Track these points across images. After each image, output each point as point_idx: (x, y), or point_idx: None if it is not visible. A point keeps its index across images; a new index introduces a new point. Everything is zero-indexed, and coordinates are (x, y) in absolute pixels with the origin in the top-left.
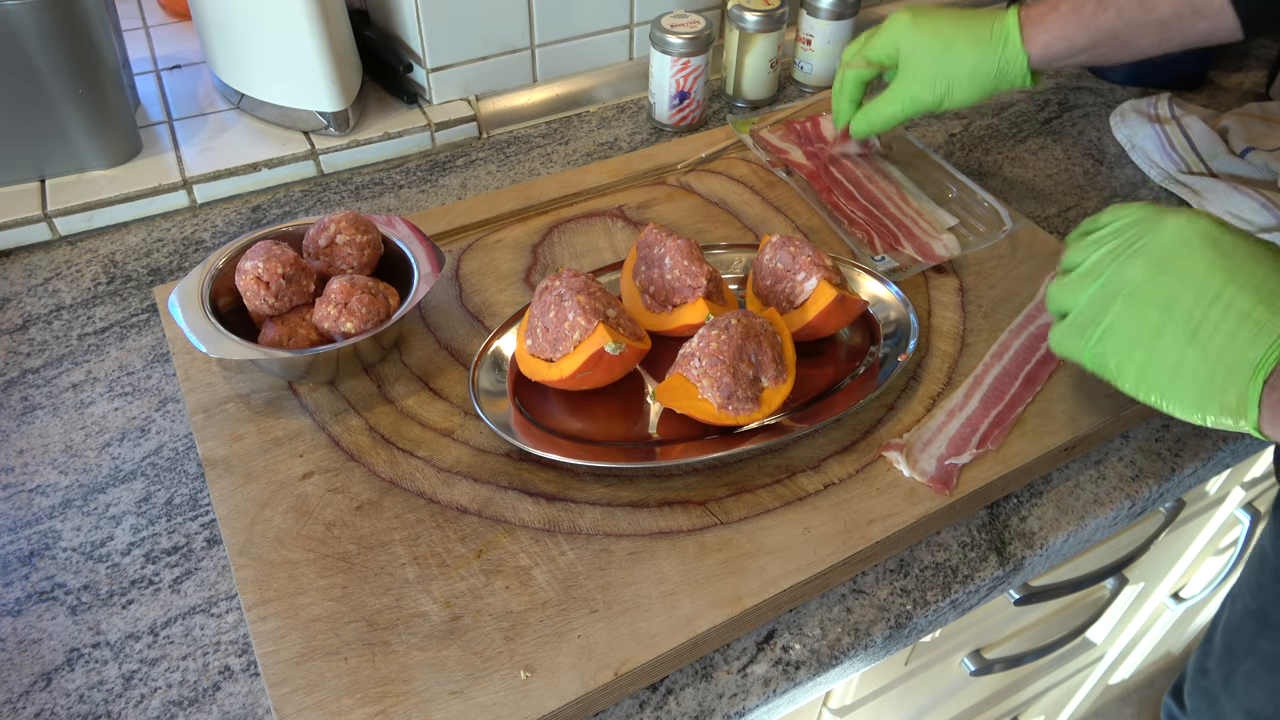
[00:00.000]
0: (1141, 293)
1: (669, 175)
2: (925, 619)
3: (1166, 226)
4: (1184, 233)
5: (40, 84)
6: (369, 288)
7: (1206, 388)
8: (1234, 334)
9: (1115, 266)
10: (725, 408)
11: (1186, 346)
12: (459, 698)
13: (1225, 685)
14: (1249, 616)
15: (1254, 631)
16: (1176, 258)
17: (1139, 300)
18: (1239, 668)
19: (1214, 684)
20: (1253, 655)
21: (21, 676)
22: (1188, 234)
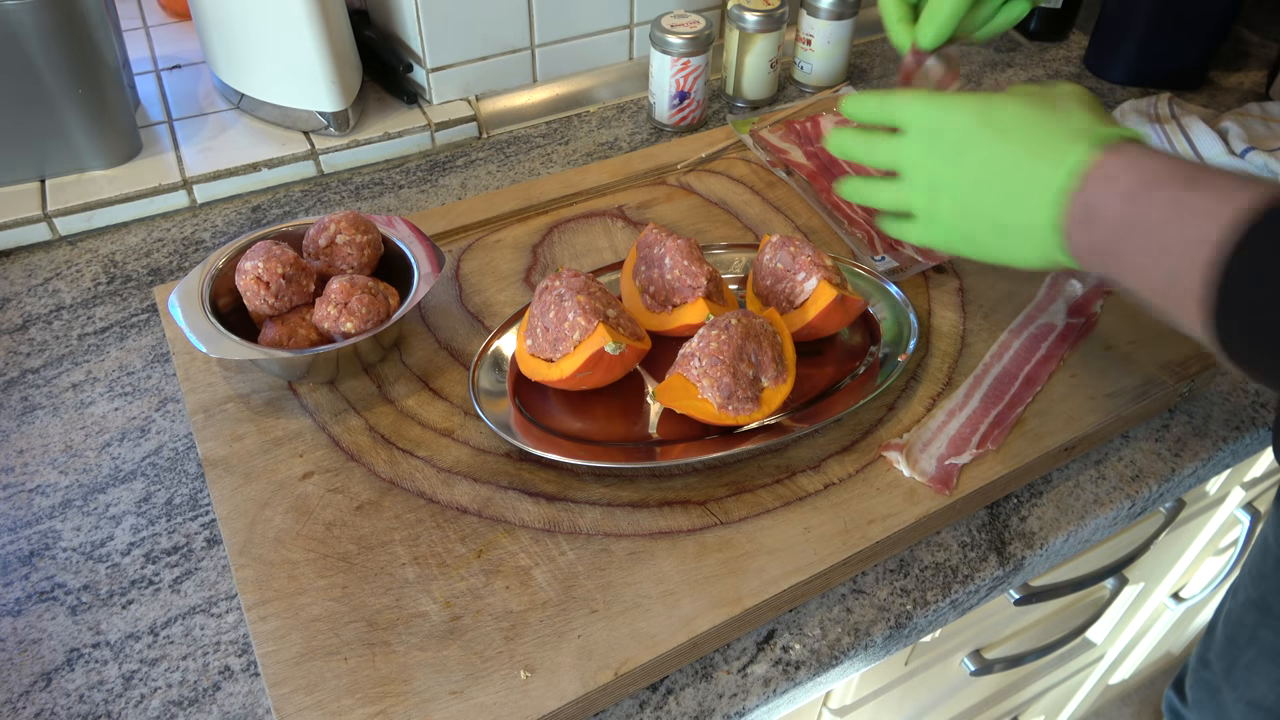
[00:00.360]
0: (954, 182)
1: (669, 175)
2: (925, 619)
3: (954, 119)
4: (966, 119)
5: (40, 84)
6: (369, 288)
7: (1018, 232)
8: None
9: (929, 166)
10: (725, 408)
11: (995, 207)
12: (459, 698)
13: (1226, 676)
14: (1250, 606)
15: (1255, 621)
16: (967, 141)
17: (954, 187)
18: (1240, 658)
19: (1215, 675)
20: (1254, 645)
21: (21, 676)
22: (968, 118)
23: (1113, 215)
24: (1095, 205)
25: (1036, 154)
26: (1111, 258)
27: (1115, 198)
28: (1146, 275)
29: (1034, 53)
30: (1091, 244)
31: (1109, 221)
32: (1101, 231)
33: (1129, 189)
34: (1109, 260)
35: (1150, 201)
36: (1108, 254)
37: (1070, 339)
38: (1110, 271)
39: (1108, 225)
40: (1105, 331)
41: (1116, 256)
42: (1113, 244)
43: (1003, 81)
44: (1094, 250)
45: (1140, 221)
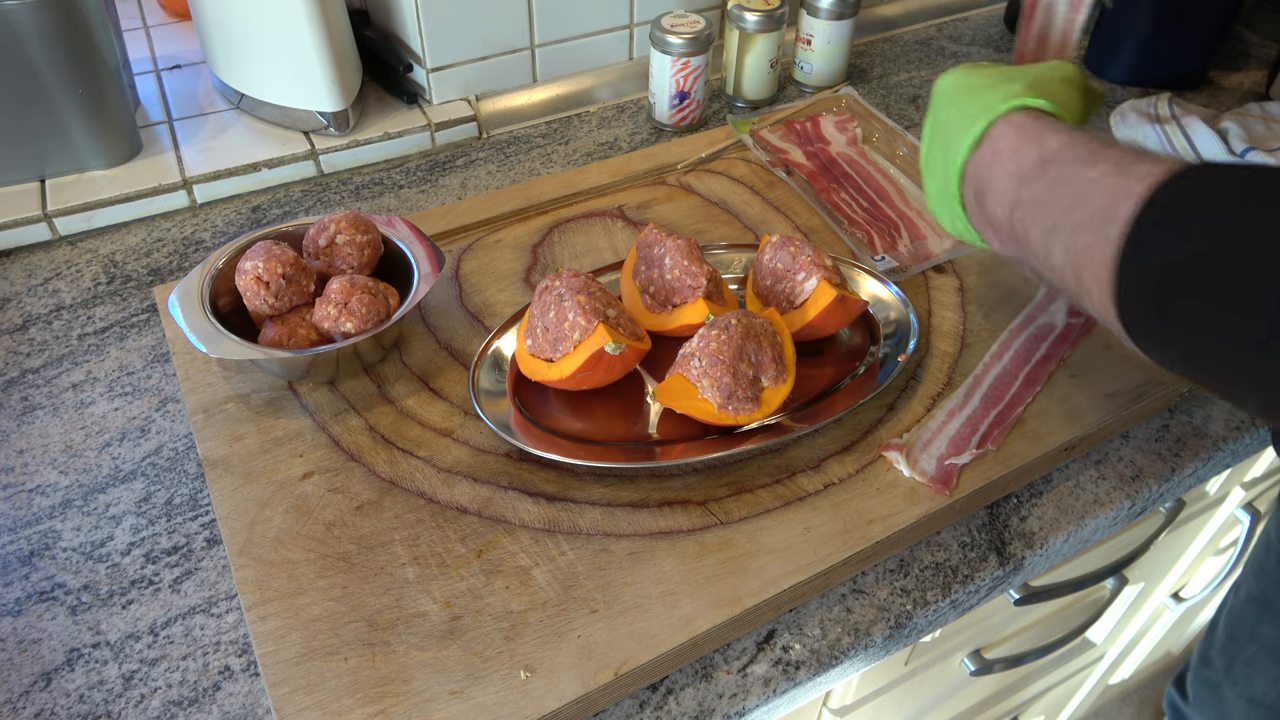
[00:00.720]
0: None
1: (669, 175)
2: (925, 619)
3: (938, 85)
4: (941, 85)
5: (40, 84)
6: (369, 288)
7: (946, 200)
8: (946, 145)
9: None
10: (725, 408)
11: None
12: (459, 698)
13: (1227, 673)
14: (1251, 602)
15: (1256, 617)
16: (933, 105)
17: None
18: (1241, 654)
19: (1216, 673)
20: (1255, 642)
21: (21, 676)
22: (934, 94)
23: (1002, 191)
24: (982, 180)
25: (958, 124)
26: (1008, 237)
27: (1002, 175)
28: (1046, 256)
29: None
30: (987, 220)
31: (1000, 198)
32: (994, 208)
33: (1018, 166)
34: (1007, 239)
35: (1042, 179)
36: (1004, 232)
37: (1070, 339)
38: (1013, 251)
39: (999, 202)
40: (1105, 331)
41: (1013, 236)
42: (1007, 222)
43: None
44: (992, 227)
45: (1030, 200)
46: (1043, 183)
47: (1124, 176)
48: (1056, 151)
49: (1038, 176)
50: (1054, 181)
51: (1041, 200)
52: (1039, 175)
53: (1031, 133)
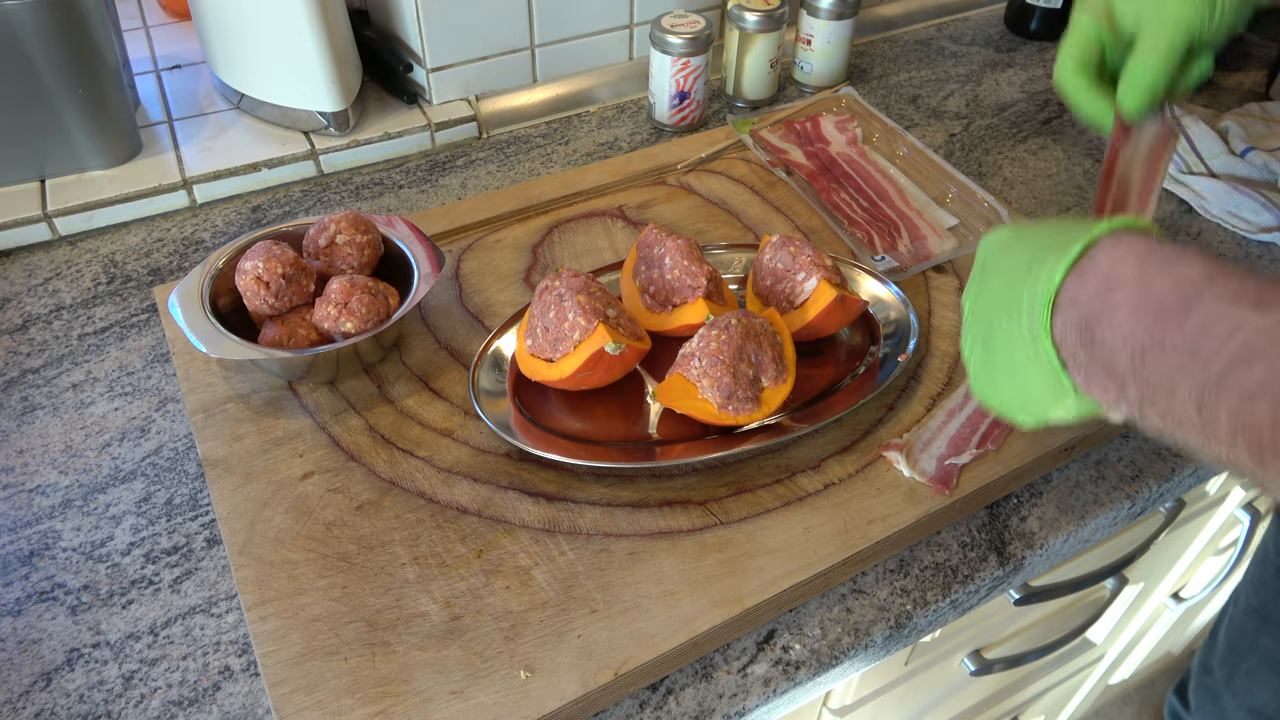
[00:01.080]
0: (971, 315)
1: (669, 175)
2: (925, 619)
3: (983, 246)
4: (980, 255)
5: (40, 84)
6: (369, 288)
7: (1030, 378)
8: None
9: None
10: (725, 408)
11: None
12: (459, 698)
13: (1228, 683)
14: (1251, 614)
15: (1256, 629)
16: (977, 282)
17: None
18: (1241, 665)
19: (1217, 682)
20: (1255, 653)
21: (21, 676)
22: (981, 255)
23: (1127, 331)
24: (1092, 315)
25: (1034, 257)
26: (1135, 390)
27: (1125, 309)
28: (1203, 419)
29: (1034, 53)
30: (1102, 367)
31: (1122, 338)
32: (1114, 352)
33: (1147, 299)
34: (1133, 393)
35: (1187, 318)
36: (1127, 385)
37: None
38: (1140, 408)
39: (1121, 344)
40: None
41: (1147, 389)
42: (1133, 371)
43: (1002, 81)
44: (1109, 377)
45: (1173, 345)
46: (1190, 322)
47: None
48: (1200, 283)
49: (1180, 313)
50: (1206, 323)
51: (1190, 346)
52: (1181, 313)
53: (1157, 257)
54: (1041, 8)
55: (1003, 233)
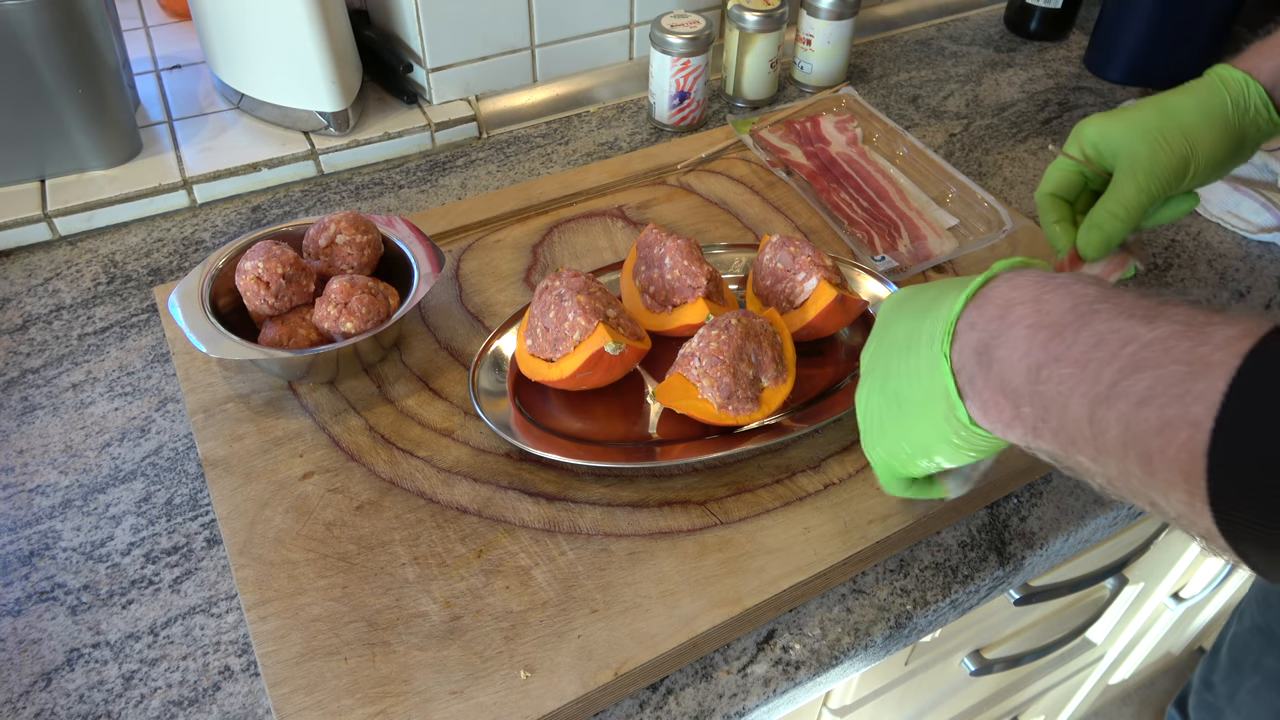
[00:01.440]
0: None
1: (669, 175)
2: (925, 619)
3: (882, 310)
4: (880, 315)
5: (40, 84)
6: (369, 288)
7: (922, 414)
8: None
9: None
10: (725, 408)
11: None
12: (459, 698)
13: (1230, 700)
14: (1255, 633)
15: (1260, 648)
16: (876, 337)
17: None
18: (1244, 684)
19: (1219, 699)
20: (1258, 672)
21: (21, 676)
22: (881, 314)
23: (1023, 349)
24: (989, 339)
25: (932, 301)
26: (1031, 410)
27: (1021, 329)
28: (1095, 433)
29: (1034, 53)
30: (999, 389)
31: (1018, 357)
32: (1010, 372)
33: (1043, 318)
34: (1029, 414)
35: (1081, 332)
36: (1024, 404)
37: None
38: (1035, 430)
39: (1018, 363)
40: None
41: (1041, 407)
42: (1030, 389)
43: (1002, 81)
44: (1006, 399)
45: (1067, 358)
46: (1083, 337)
47: (1198, 340)
48: (1095, 300)
49: (1074, 329)
50: (1099, 337)
51: (1083, 360)
52: (1076, 327)
53: (1054, 282)
54: (1041, 8)
55: (901, 292)
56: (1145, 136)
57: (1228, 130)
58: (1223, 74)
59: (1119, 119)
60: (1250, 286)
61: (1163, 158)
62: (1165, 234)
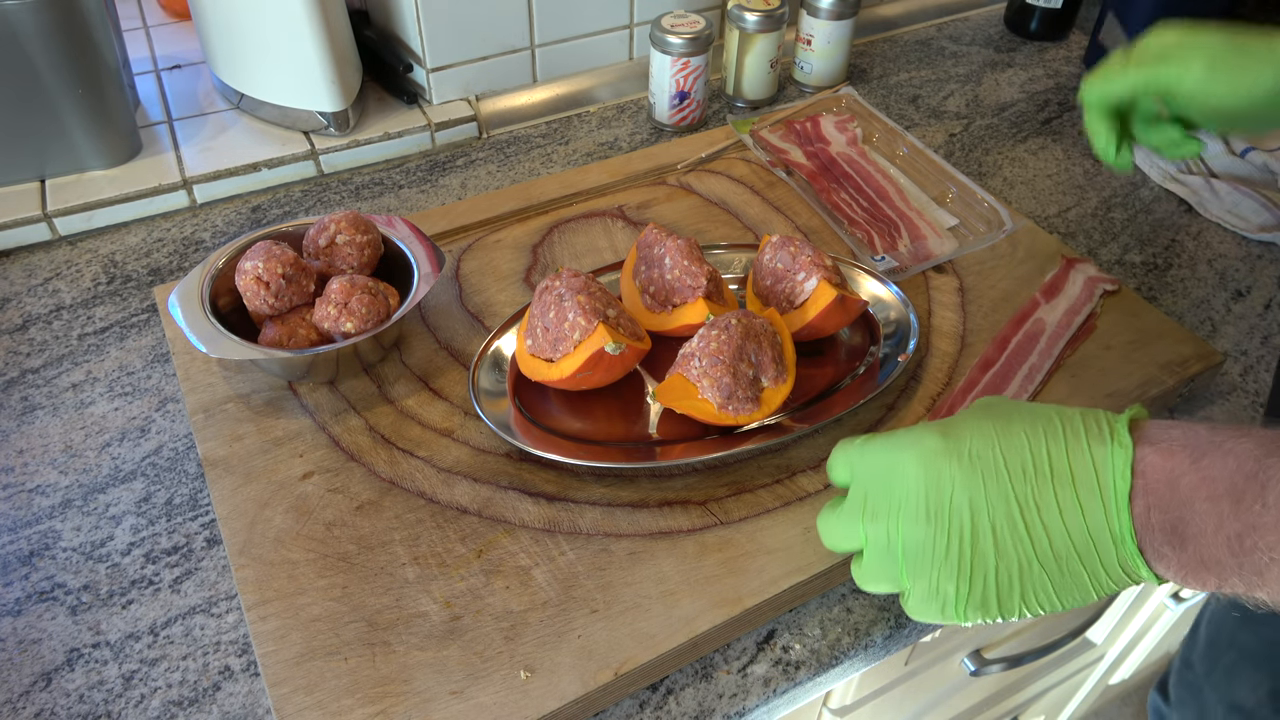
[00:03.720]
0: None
1: (669, 175)
2: None
3: (909, 467)
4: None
5: (40, 84)
6: (369, 288)
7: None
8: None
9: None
10: (725, 408)
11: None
12: (459, 698)
13: (1208, 678)
14: (1232, 609)
15: (1236, 625)
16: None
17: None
18: (1221, 660)
19: (1198, 677)
20: (1234, 648)
21: (21, 676)
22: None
23: (1214, 524)
24: (1174, 519)
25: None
26: (1236, 576)
27: (1201, 502)
28: None
29: (1034, 53)
30: (1200, 564)
31: (1213, 532)
32: (1209, 547)
33: (1216, 489)
34: (1233, 579)
35: (1263, 495)
36: (1228, 573)
37: (1066, 337)
38: (1243, 591)
39: (1213, 537)
40: (1105, 331)
41: (1252, 573)
42: (1234, 560)
43: (1002, 81)
44: (1208, 570)
45: (1264, 525)
46: (1271, 499)
47: None
48: (1260, 457)
49: (1256, 493)
50: None
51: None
52: (1257, 490)
53: (1201, 443)
54: (1041, 8)
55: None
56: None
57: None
58: None
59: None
60: (1250, 286)
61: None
62: (1165, 234)
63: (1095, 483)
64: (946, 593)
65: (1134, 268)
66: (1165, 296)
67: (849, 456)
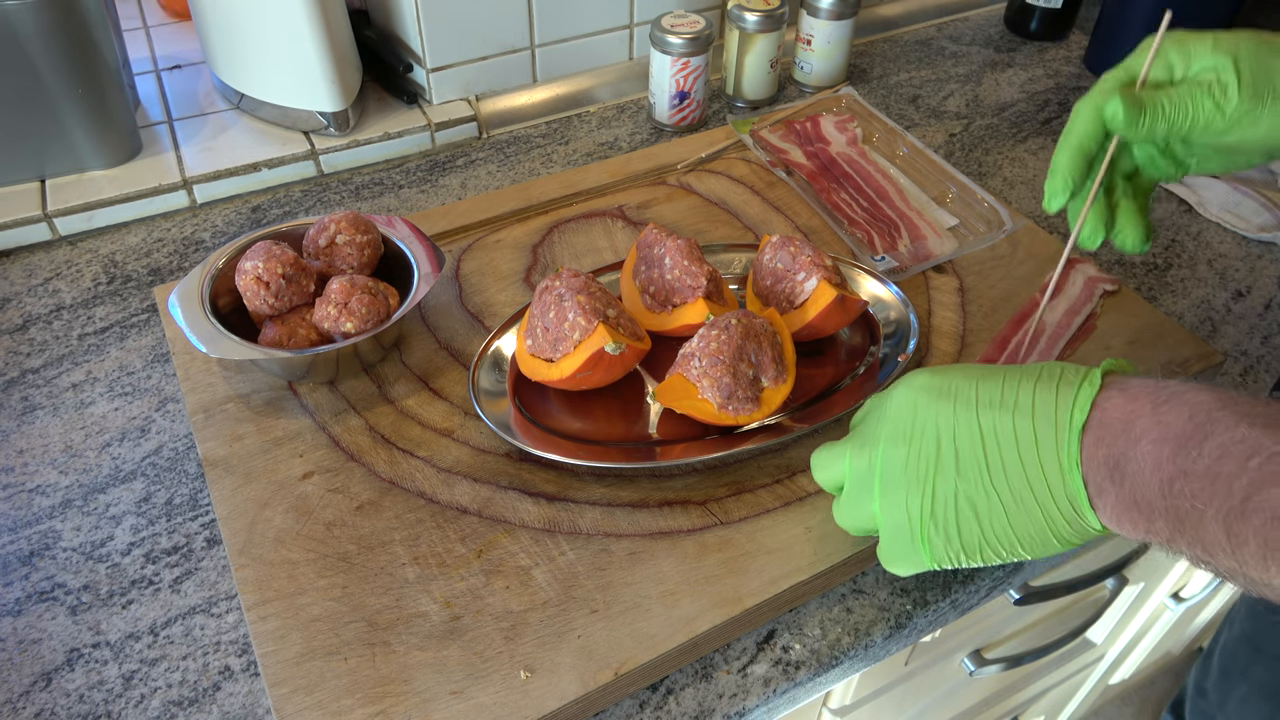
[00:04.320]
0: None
1: (669, 175)
2: (925, 619)
3: (895, 397)
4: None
5: (40, 84)
6: (369, 288)
7: (1037, 493)
8: (1021, 448)
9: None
10: (725, 408)
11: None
12: (459, 698)
13: (1222, 708)
14: (1244, 642)
15: (1248, 658)
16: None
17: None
18: (1234, 692)
19: (1211, 705)
20: (1246, 681)
21: (21, 676)
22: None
23: (1152, 464)
24: (1117, 455)
25: (1030, 410)
26: (1164, 521)
27: (1147, 443)
28: (1233, 544)
29: (1034, 53)
30: (1133, 503)
31: (1149, 472)
32: (1143, 486)
33: (1166, 431)
34: (1162, 524)
35: (1204, 444)
36: (1157, 516)
37: (1071, 339)
38: (1169, 536)
39: (1149, 477)
40: (1105, 331)
41: (1175, 519)
42: (1163, 502)
43: (1002, 81)
44: (1139, 511)
45: (1196, 472)
46: (1207, 449)
47: None
48: (1212, 407)
49: (1197, 441)
50: (1223, 449)
51: (1211, 473)
52: (1198, 439)
53: (1166, 391)
54: (1041, 8)
55: (954, 375)
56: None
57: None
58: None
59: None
60: (1250, 286)
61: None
62: (1165, 234)
63: (1054, 415)
64: (911, 513)
65: (1134, 268)
66: (1165, 296)
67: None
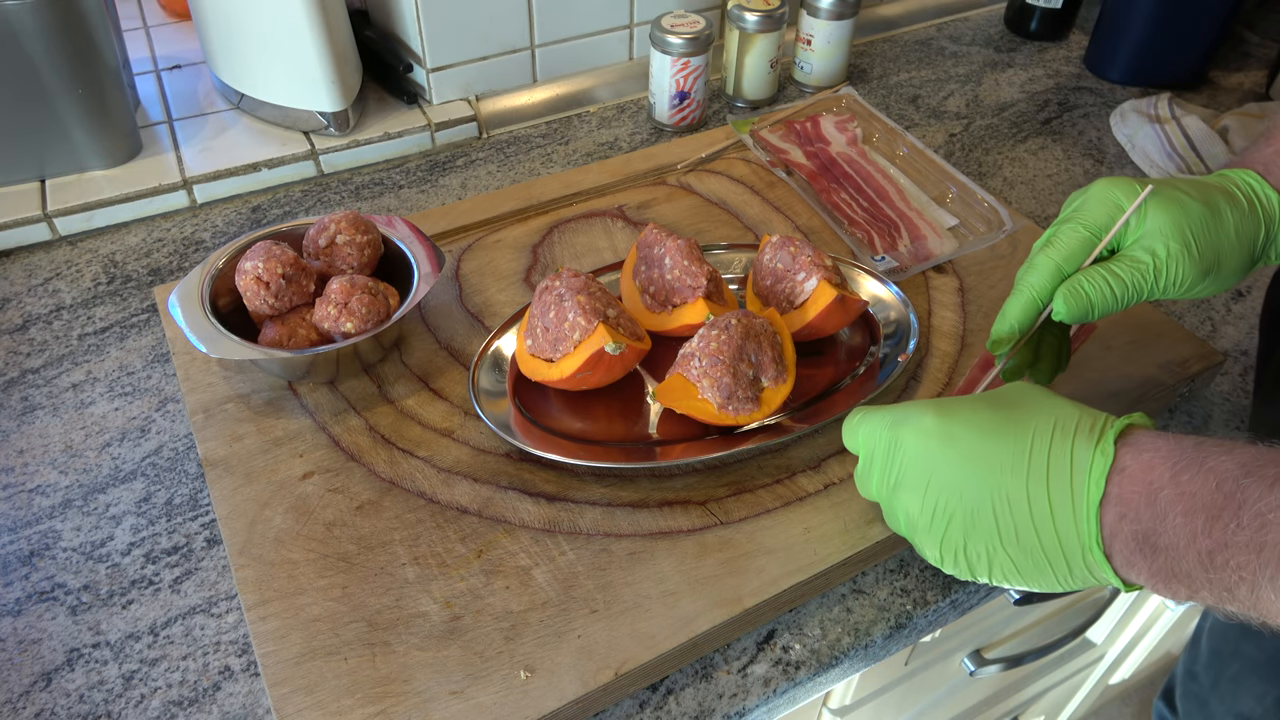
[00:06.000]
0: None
1: (669, 175)
2: (925, 619)
3: (907, 443)
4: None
5: (40, 84)
6: (369, 288)
7: (1052, 558)
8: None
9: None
10: (725, 408)
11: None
12: (459, 698)
13: (1214, 689)
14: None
15: (1238, 636)
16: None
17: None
18: (1225, 671)
19: (1203, 688)
20: (1238, 659)
21: (21, 676)
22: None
23: (1186, 538)
24: (1147, 529)
25: (1045, 471)
26: (1205, 590)
27: (1176, 515)
28: (1272, 607)
29: (1034, 53)
30: (1170, 574)
31: (1184, 546)
32: (1179, 560)
33: (1193, 504)
34: (1202, 592)
35: (1239, 515)
36: (1196, 586)
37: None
38: (1212, 602)
39: (1184, 551)
40: (1105, 331)
41: (1219, 589)
42: (1203, 574)
43: (1002, 81)
44: (1179, 581)
45: (1235, 544)
46: (1245, 520)
47: None
48: (1238, 478)
49: (1232, 512)
50: (1262, 518)
51: (1254, 544)
52: (1233, 509)
53: (1184, 457)
54: (1041, 8)
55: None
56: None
57: (1250, 254)
58: (1251, 182)
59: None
60: (1250, 286)
61: (1186, 269)
62: None
63: (1069, 485)
64: (930, 555)
65: None
66: None
67: (854, 426)
